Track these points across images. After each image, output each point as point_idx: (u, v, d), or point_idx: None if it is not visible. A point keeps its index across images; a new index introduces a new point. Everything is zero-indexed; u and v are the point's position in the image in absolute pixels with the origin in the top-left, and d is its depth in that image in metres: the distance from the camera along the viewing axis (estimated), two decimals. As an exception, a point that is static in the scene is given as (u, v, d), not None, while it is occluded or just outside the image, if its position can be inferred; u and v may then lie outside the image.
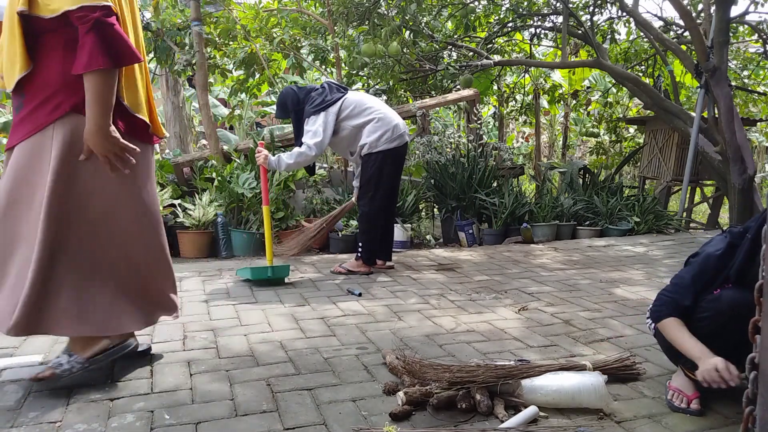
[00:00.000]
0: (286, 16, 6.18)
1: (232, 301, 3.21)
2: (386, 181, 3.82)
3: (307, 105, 3.71)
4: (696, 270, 1.98)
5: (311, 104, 3.70)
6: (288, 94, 3.82)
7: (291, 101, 3.78)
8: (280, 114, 3.89)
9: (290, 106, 3.78)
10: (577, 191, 6.32)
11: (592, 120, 10.27)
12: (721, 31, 5.43)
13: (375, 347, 2.49)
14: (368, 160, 3.77)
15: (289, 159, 3.65)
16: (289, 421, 1.83)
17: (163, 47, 5.77)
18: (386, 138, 3.71)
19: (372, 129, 3.71)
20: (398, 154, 3.84)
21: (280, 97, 3.86)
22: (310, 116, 3.68)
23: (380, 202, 3.83)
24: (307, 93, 3.78)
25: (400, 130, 3.78)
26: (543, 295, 3.41)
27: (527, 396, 1.92)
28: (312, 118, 3.67)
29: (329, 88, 3.77)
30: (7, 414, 1.84)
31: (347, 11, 5.98)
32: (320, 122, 3.63)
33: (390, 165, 3.80)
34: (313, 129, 3.63)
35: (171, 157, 5.98)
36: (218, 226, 4.67)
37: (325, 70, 6.91)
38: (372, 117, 3.72)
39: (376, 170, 3.76)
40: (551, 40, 8.11)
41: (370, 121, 3.71)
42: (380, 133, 3.70)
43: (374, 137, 3.70)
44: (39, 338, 2.54)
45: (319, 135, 3.61)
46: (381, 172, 3.77)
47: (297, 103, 3.76)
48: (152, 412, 1.87)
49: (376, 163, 3.75)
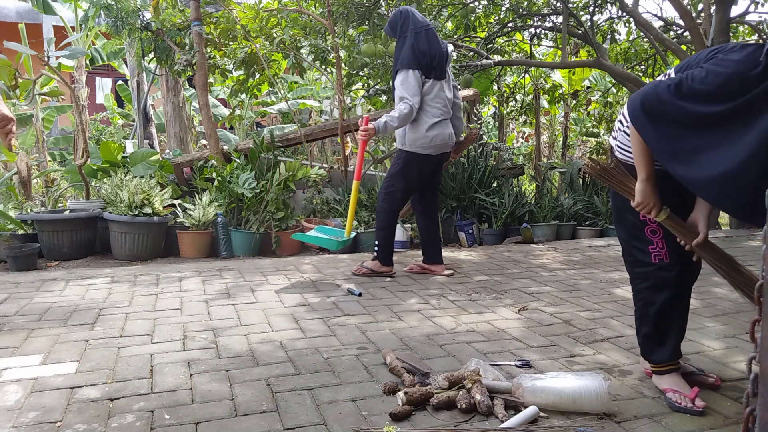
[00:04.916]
0: (286, 16, 6.18)
1: (232, 301, 3.21)
2: (413, 183, 3.78)
3: (405, 50, 3.59)
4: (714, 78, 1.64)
5: (411, 51, 3.56)
6: (407, 17, 3.68)
7: (401, 27, 3.67)
8: (389, 30, 3.79)
9: (399, 31, 3.68)
10: (577, 191, 6.32)
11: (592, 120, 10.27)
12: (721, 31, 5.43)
13: (375, 347, 2.49)
14: (399, 156, 3.74)
15: (394, 122, 3.55)
16: (289, 421, 1.83)
17: (163, 47, 5.76)
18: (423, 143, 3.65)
19: (418, 126, 3.63)
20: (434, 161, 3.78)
21: (399, 14, 3.72)
22: (405, 69, 3.56)
23: (399, 204, 3.80)
24: (419, 32, 3.62)
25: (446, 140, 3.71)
26: (543, 295, 3.41)
27: (528, 398, 1.92)
28: (409, 73, 3.54)
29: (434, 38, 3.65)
30: (7, 414, 1.84)
31: (347, 11, 5.98)
32: (414, 80, 3.53)
33: (426, 167, 3.75)
34: (409, 86, 3.53)
35: (171, 157, 5.98)
36: (218, 226, 4.67)
37: (325, 70, 6.91)
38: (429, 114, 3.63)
39: (402, 171, 3.72)
40: (551, 40, 8.11)
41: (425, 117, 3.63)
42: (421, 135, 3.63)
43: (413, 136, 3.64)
44: (39, 338, 2.54)
45: (417, 94, 3.54)
46: (405, 174, 3.72)
47: (404, 32, 3.66)
48: (152, 412, 1.87)
49: (408, 162, 3.70)
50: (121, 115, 11.07)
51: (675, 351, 2.05)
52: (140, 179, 4.87)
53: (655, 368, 2.08)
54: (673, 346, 2.04)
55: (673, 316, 2.03)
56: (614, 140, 2.06)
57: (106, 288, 3.46)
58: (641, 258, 2.04)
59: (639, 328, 2.12)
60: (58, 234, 4.50)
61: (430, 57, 3.59)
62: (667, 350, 2.04)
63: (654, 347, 2.07)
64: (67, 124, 11.64)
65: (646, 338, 2.09)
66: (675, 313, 2.03)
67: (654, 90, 1.75)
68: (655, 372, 2.09)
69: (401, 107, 3.54)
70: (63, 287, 3.47)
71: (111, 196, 4.68)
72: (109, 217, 4.54)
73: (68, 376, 2.13)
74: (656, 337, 2.05)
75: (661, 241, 1.99)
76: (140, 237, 4.56)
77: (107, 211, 4.62)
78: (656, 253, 2.00)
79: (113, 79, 12.86)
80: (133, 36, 5.63)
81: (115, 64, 10.43)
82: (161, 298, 3.26)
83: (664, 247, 1.99)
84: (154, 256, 4.68)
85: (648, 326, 2.06)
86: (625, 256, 2.14)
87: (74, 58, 7.95)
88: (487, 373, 2.09)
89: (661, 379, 2.06)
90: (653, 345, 2.07)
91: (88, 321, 2.79)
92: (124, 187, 4.65)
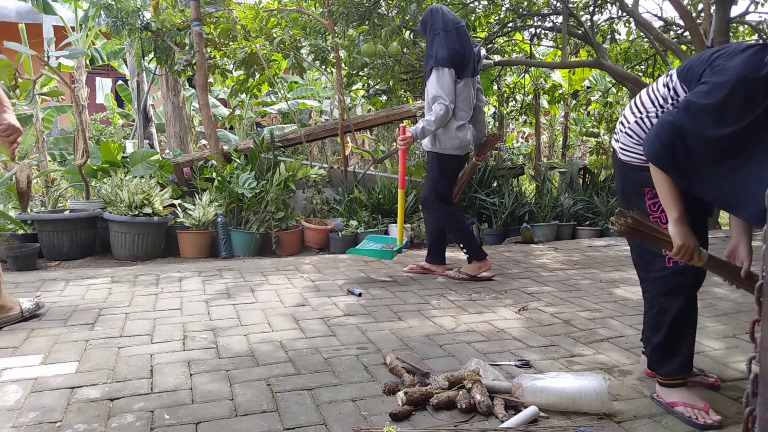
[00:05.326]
0: (286, 16, 6.18)
1: (232, 301, 3.21)
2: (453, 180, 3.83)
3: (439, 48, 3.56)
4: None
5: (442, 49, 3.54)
6: (438, 15, 3.65)
7: (431, 25, 3.65)
8: (420, 29, 3.79)
9: (429, 29, 3.66)
10: (577, 191, 6.32)
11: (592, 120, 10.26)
12: (721, 31, 5.43)
13: (375, 347, 2.49)
14: (432, 160, 3.76)
15: (431, 126, 3.54)
16: (289, 421, 1.83)
17: (163, 47, 5.76)
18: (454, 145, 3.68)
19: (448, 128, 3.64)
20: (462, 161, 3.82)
21: (430, 13, 3.69)
22: (440, 67, 3.53)
23: (451, 203, 3.82)
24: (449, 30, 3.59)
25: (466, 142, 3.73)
26: (543, 295, 3.41)
27: (528, 398, 1.92)
28: (444, 71, 3.51)
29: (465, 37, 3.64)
30: (7, 414, 1.84)
31: (347, 11, 5.98)
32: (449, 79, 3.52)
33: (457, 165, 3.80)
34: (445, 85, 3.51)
35: (171, 157, 5.98)
36: (218, 226, 4.67)
37: (325, 70, 6.91)
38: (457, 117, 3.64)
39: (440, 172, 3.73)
40: (551, 40, 8.11)
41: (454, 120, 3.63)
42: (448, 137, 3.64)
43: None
44: (39, 338, 2.54)
45: (452, 93, 3.53)
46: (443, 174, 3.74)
47: (435, 30, 3.63)
48: (152, 412, 1.87)
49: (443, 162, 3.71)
50: (121, 115, 11.08)
51: (686, 364, 1.95)
52: (140, 179, 4.87)
53: (663, 380, 1.97)
54: (684, 358, 1.94)
55: (687, 324, 1.94)
56: (616, 142, 2.01)
57: (106, 288, 3.46)
58: (655, 262, 1.94)
59: (650, 338, 2.02)
60: (58, 234, 4.50)
61: (462, 56, 3.57)
62: (678, 363, 1.94)
63: (664, 359, 1.96)
64: (67, 124, 11.65)
65: (655, 349, 1.99)
66: (688, 322, 1.94)
67: (667, 122, 1.69)
68: (663, 384, 1.98)
69: (436, 109, 3.52)
70: (63, 287, 3.47)
71: (111, 196, 4.68)
72: (109, 217, 4.54)
73: (68, 376, 2.13)
74: (667, 347, 1.95)
75: None
76: (140, 237, 4.56)
77: (107, 211, 4.62)
78: (669, 256, 1.88)
79: (113, 79, 12.87)
80: (133, 36, 5.63)
81: (115, 64, 10.43)
82: (161, 298, 3.26)
83: None
84: (154, 256, 4.68)
85: (660, 336, 1.95)
86: (638, 261, 2.05)
87: (74, 58, 7.95)
88: (487, 373, 2.09)
89: (669, 392, 1.96)
90: (663, 356, 1.97)
91: (88, 321, 2.79)
92: (124, 187, 4.64)
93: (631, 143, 1.93)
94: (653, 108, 1.88)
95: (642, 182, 1.91)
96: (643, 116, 1.89)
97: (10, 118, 2.55)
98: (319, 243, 4.97)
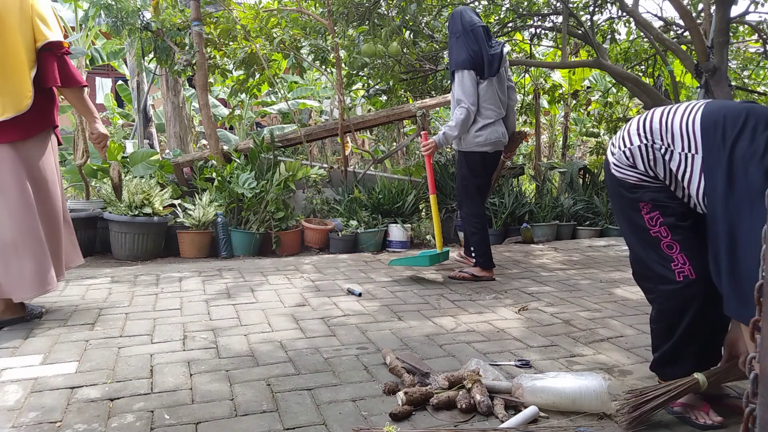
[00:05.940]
0: (286, 16, 6.17)
1: (232, 301, 3.21)
2: (483, 178, 3.85)
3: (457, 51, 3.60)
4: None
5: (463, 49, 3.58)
6: (457, 18, 3.69)
7: (452, 28, 3.69)
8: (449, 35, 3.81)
9: (450, 33, 3.70)
10: (577, 191, 6.32)
11: (592, 120, 10.26)
12: (721, 31, 5.42)
13: (375, 347, 2.49)
14: (460, 159, 3.77)
15: (452, 131, 3.59)
16: (289, 421, 1.83)
17: (163, 47, 5.76)
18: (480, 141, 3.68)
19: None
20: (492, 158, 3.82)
21: (451, 16, 3.74)
22: (460, 70, 3.58)
23: (480, 204, 3.82)
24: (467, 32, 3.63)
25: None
26: (543, 295, 3.41)
27: (528, 398, 1.92)
28: (464, 74, 3.56)
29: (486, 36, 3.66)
30: (7, 414, 1.84)
31: (347, 11, 5.98)
32: (469, 81, 3.55)
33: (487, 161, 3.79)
34: (465, 87, 3.55)
35: (171, 157, 5.98)
36: (218, 226, 4.67)
37: (325, 70, 6.91)
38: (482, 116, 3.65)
39: (468, 170, 3.75)
40: (551, 40, 8.10)
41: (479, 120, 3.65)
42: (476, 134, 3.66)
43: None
44: (39, 338, 2.54)
45: (473, 95, 3.55)
46: (473, 173, 3.75)
47: (455, 33, 3.67)
48: (152, 412, 1.87)
49: (470, 160, 3.72)
50: (121, 115, 11.07)
51: (688, 370, 1.84)
52: (140, 179, 4.87)
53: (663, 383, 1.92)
54: (687, 365, 1.85)
55: (697, 336, 1.82)
56: (612, 155, 1.93)
57: (106, 288, 3.46)
58: (665, 275, 1.81)
59: (657, 345, 1.94)
60: (58, 234, 4.50)
61: (480, 56, 3.59)
62: (680, 369, 1.86)
63: (666, 366, 1.91)
64: (67, 124, 11.64)
65: (659, 356, 1.92)
66: (699, 333, 1.82)
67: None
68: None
69: (457, 113, 3.57)
70: (63, 287, 3.47)
71: (111, 196, 4.68)
72: (109, 217, 4.54)
73: (68, 376, 2.13)
74: (671, 358, 1.89)
75: (681, 256, 1.78)
76: (140, 237, 4.56)
77: (107, 211, 4.62)
78: (679, 269, 1.78)
79: (113, 79, 12.86)
80: (133, 36, 5.63)
81: (115, 64, 10.43)
82: (161, 298, 3.26)
83: (686, 261, 1.77)
84: (154, 256, 4.68)
85: (666, 346, 1.88)
86: (645, 272, 1.91)
87: (74, 58, 7.93)
88: (487, 373, 2.09)
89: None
90: (665, 363, 1.91)
91: (88, 321, 2.79)
92: (124, 187, 4.65)
93: (626, 165, 1.87)
94: (660, 143, 1.79)
95: (637, 199, 1.86)
96: (648, 144, 1.81)
97: (100, 128, 2.95)
98: (319, 243, 4.97)
